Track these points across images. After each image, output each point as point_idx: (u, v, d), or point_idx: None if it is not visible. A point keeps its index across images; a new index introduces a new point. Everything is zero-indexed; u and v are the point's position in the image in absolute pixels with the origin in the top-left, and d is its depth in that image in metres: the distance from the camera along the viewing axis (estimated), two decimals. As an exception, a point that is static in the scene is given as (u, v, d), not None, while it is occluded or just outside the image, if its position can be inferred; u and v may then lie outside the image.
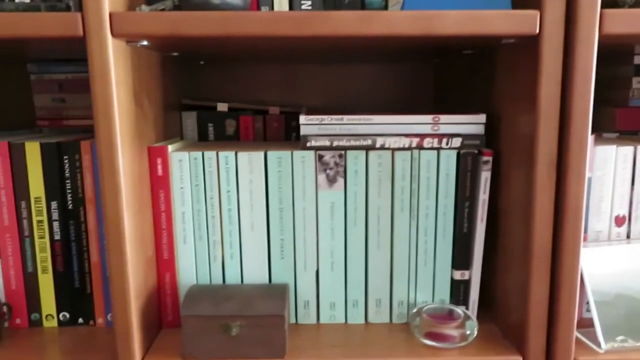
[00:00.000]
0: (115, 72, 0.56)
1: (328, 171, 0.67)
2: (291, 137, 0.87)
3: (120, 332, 0.60)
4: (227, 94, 1.00)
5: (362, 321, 0.72)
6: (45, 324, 0.71)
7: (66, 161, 0.68)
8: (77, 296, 0.71)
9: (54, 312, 0.71)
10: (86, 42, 0.55)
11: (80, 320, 0.72)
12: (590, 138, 0.66)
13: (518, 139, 0.63)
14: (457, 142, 0.67)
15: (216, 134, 0.86)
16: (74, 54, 0.78)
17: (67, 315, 0.71)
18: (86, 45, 0.55)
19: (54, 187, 0.68)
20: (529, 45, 0.59)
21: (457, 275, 0.70)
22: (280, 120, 0.86)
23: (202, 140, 0.86)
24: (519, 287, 0.64)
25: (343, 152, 0.67)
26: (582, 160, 0.58)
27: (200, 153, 0.67)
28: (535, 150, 0.58)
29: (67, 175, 0.68)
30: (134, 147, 0.62)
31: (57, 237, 0.69)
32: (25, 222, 0.69)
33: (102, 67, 0.55)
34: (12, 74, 0.95)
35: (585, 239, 0.69)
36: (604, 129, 0.85)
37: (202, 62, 0.96)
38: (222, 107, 0.85)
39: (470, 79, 0.81)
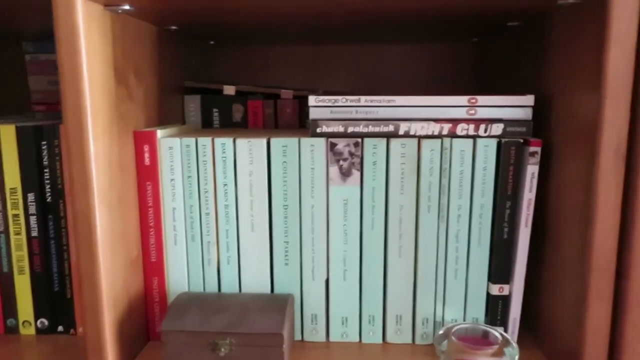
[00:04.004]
0: (87, 39, 0.47)
1: (341, 162, 0.57)
2: (306, 125, 0.77)
3: (92, 346, 0.51)
4: (239, 78, 0.91)
5: (380, 340, 0.61)
6: (22, 331, 0.63)
7: (44, 147, 0.60)
8: (56, 301, 0.63)
9: (31, 318, 0.63)
10: (51, 3, 0.46)
11: (60, 328, 0.63)
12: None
13: (575, 124, 0.51)
14: (497, 129, 0.56)
15: (222, 120, 0.76)
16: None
17: (45, 322, 0.63)
18: (51, 7, 0.46)
19: (31, 176, 0.60)
20: (593, 7, 0.47)
21: (495, 289, 0.58)
22: (294, 105, 0.76)
23: (207, 127, 0.77)
24: (573, 307, 0.52)
25: (359, 139, 0.56)
26: (659, 151, 0.46)
27: (193, 139, 0.58)
28: (599, 137, 0.46)
29: (45, 163, 0.60)
30: (113, 131, 0.53)
31: (34, 233, 0.61)
32: (-1, 215, 0.61)
33: (68, 31, 0.46)
34: (6, 55, 0.88)
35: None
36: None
37: (212, 42, 0.87)
38: (229, 90, 0.75)
39: (515, 58, 0.69)
